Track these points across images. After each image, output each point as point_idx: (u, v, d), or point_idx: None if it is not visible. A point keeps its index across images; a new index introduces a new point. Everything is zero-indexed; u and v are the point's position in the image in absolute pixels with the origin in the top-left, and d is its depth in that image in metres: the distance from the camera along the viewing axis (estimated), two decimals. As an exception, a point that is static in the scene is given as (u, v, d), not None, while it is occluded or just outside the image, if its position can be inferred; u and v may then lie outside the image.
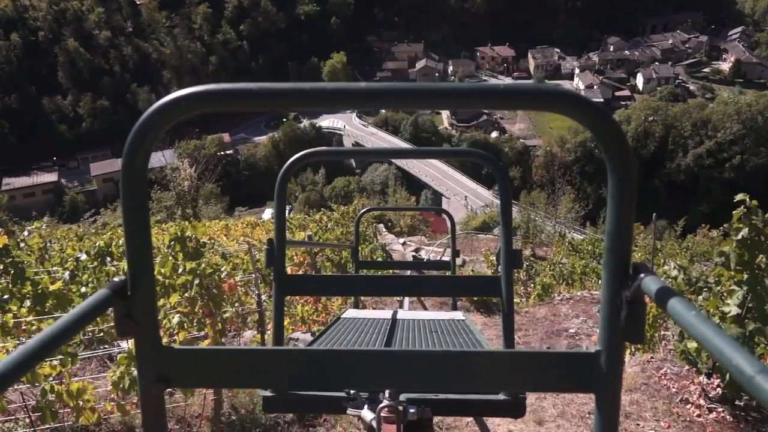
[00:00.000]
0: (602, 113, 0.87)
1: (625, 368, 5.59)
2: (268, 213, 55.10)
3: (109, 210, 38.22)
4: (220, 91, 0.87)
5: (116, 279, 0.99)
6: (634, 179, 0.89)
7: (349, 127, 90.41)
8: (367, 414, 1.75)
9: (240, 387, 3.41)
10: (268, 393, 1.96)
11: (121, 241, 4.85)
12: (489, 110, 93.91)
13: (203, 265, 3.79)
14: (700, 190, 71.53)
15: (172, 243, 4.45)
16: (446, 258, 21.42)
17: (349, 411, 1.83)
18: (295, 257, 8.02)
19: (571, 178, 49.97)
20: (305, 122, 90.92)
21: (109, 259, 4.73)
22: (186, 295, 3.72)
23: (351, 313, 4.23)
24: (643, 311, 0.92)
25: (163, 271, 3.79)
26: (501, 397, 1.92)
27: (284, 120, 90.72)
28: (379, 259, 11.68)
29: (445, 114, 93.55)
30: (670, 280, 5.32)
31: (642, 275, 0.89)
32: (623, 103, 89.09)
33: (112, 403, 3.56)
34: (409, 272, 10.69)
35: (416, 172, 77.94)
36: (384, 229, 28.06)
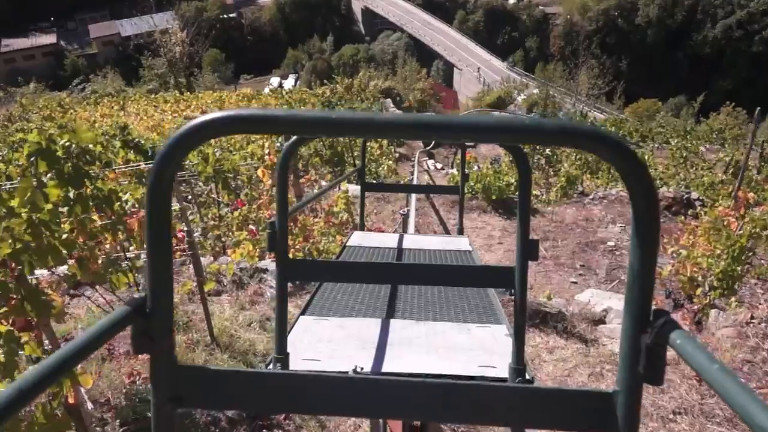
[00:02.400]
0: (628, 151, 0.90)
1: (714, 332, 4.07)
2: (275, 81, 51.94)
3: (99, 76, 35.37)
4: (250, 117, 0.92)
5: (136, 296, 0.99)
6: (658, 218, 0.92)
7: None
8: None
9: (255, 411, 3.13)
10: None
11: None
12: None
13: (19, 228, 2.15)
14: (725, 64, 67.82)
15: (33, 159, 2.77)
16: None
17: None
18: (267, 158, 6.15)
19: (593, 50, 46.63)
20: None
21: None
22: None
23: (356, 239, 4.22)
24: (663, 356, 0.92)
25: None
26: None
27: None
28: (386, 180, 11.25)
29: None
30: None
31: (662, 320, 0.90)
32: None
33: None
34: (412, 219, 9.44)
35: (428, 41, 73.79)
36: (392, 105, 26.09)
